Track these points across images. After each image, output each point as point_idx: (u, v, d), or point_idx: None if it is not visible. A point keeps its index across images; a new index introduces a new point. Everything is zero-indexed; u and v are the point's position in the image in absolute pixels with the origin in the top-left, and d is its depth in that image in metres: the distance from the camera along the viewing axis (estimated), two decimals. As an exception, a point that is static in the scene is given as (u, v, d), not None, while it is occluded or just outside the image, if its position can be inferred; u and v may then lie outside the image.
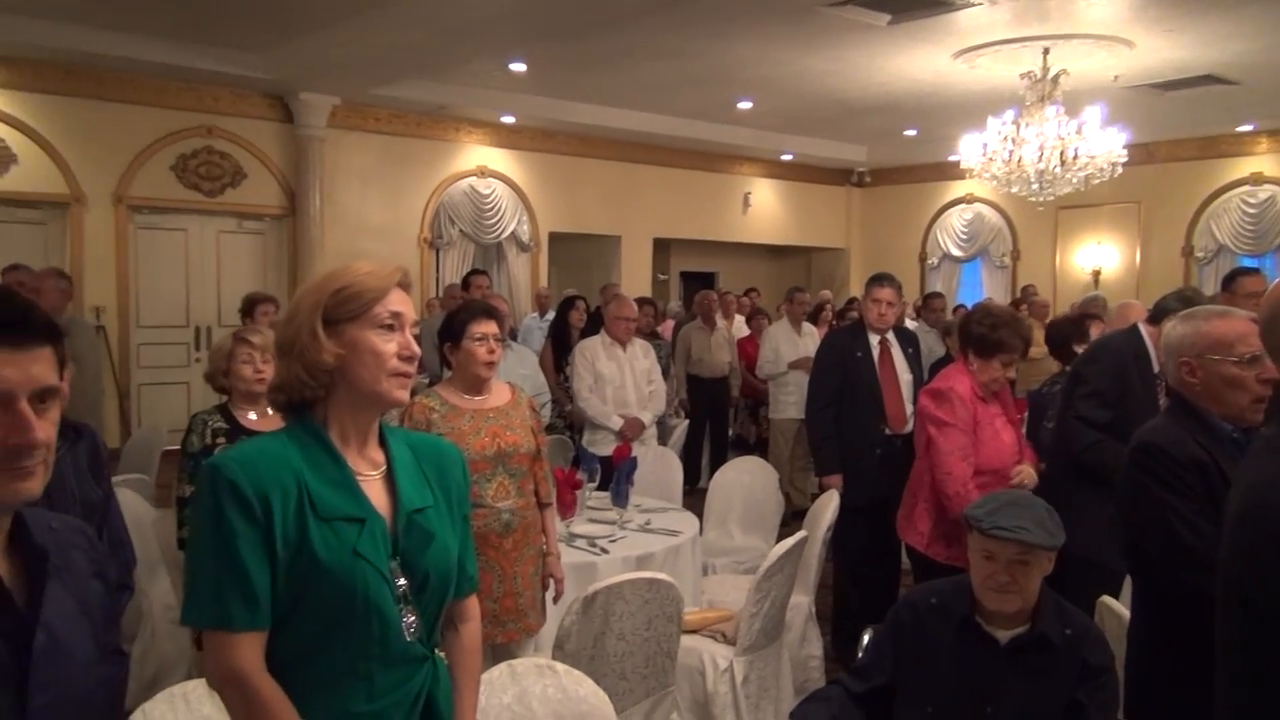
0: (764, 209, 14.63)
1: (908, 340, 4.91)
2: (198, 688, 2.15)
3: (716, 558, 4.96)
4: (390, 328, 1.67)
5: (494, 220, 11.67)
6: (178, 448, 3.37)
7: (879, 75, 9.52)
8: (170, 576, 3.95)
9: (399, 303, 1.69)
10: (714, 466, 8.28)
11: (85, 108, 8.87)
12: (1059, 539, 2.30)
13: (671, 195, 13.31)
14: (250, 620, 1.54)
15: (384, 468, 1.72)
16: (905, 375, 4.73)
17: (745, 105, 11.05)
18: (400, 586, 1.65)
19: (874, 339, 4.73)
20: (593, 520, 4.25)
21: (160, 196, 9.45)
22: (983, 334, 3.62)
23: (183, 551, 3.27)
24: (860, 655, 2.70)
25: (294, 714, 1.56)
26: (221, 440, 3.19)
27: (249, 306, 6.03)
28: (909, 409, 4.61)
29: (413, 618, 1.66)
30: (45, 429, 1.14)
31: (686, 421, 7.35)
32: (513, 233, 11.85)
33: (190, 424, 3.31)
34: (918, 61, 8.97)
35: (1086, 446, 3.48)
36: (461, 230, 11.43)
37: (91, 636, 1.25)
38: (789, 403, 7.73)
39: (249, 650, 1.55)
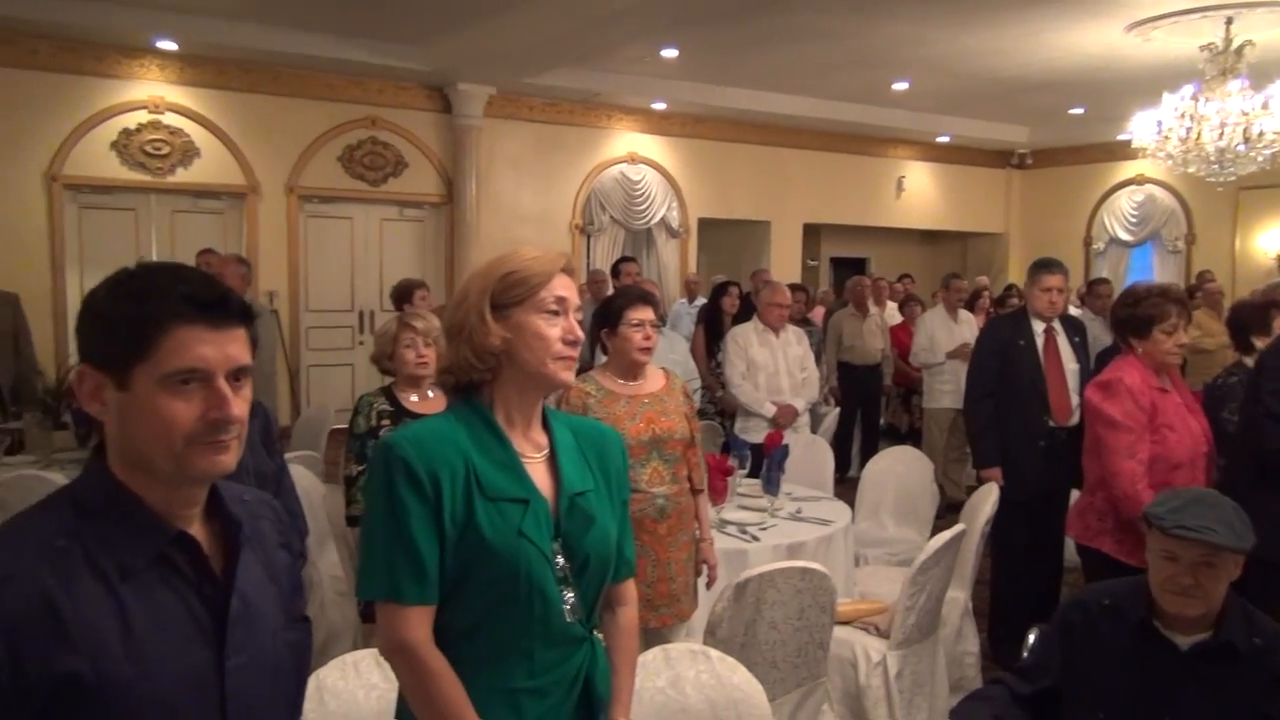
0: (918, 193, 14.24)
1: (1074, 328, 4.69)
2: (366, 657, 2.25)
3: (868, 548, 4.87)
4: (555, 312, 1.70)
5: (644, 206, 11.73)
6: (343, 427, 3.52)
7: (1044, 51, 9.12)
8: (338, 550, 4.13)
9: (563, 287, 1.72)
10: (864, 456, 8.14)
11: (261, 103, 9.35)
12: (1248, 541, 2.15)
13: (822, 180, 13.11)
14: (420, 594, 1.60)
15: (546, 450, 1.75)
16: (1071, 365, 4.52)
17: (901, 86, 10.77)
18: (561, 567, 1.68)
19: (1038, 326, 4.54)
20: (743, 507, 4.23)
21: (327, 186, 9.88)
22: (1130, 314, 3.44)
23: (349, 527, 3.41)
24: (1025, 655, 2.60)
25: (459, 686, 1.61)
26: (386, 422, 3.31)
27: (404, 293, 6.17)
28: (1074, 400, 4.41)
29: (572, 598, 1.69)
30: (240, 405, 1.21)
31: (837, 409, 7.24)
32: (662, 219, 11.90)
33: (357, 406, 3.45)
34: (1088, 36, 8.55)
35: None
36: (612, 216, 11.54)
37: (279, 603, 1.32)
38: (944, 392, 7.52)
39: (418, 623, 1.61)
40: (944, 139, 13.49)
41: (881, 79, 10.44)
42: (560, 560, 1.68)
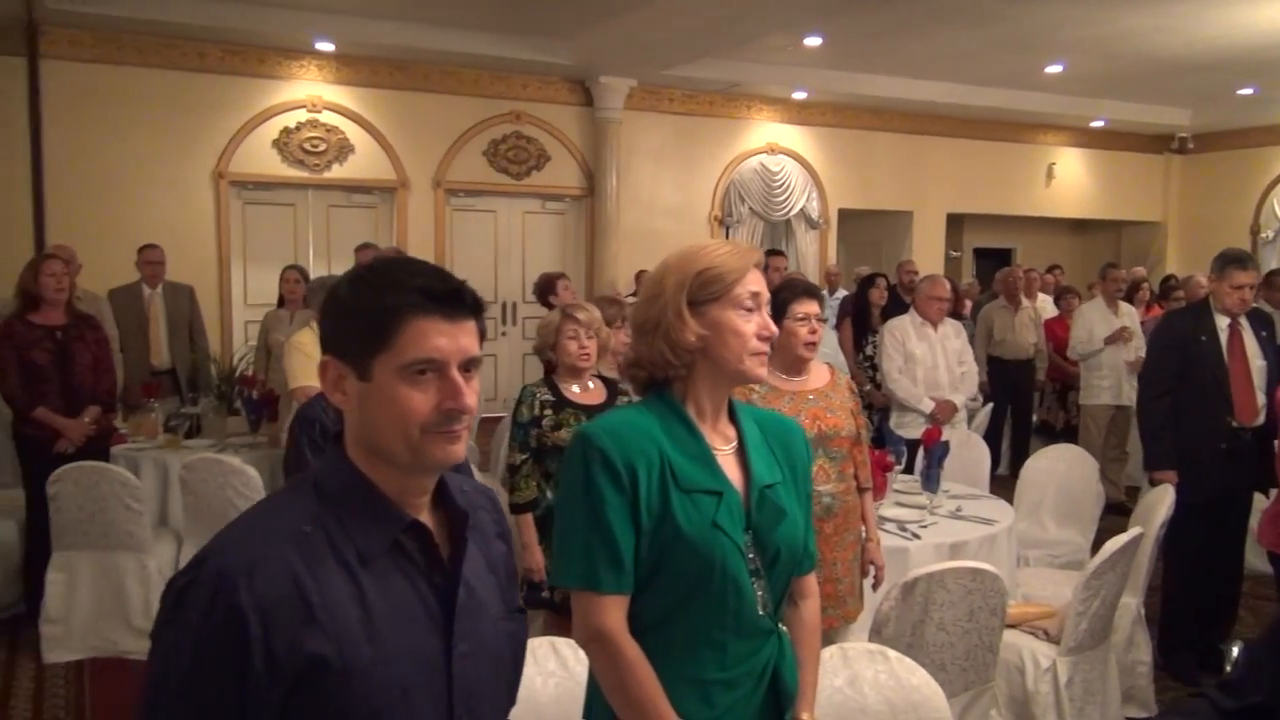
0: (1069, 180, 13.68)
1: (1261, 322, 4.40)
2: (543, 644, 2.28)
3: (1029, 550, 4.71)
4: (750, 308, 1.70)
5: (783, 197, 11.61)
6: (493, 416, 3.58)
7: (1210, 29, 8.63)
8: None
9: (756, 283, 1.72)
10: (1014, 454, 7.88)
11: (411, 100, 9.62)
12: None
13: (967, 168, 12.72)
14: (616, 584, 1.62)
15: (735, 443, 1.76)
16: (1258, 361, 4.25)
17: (1055, 69, 10.35)
18: (751, 560, 1.68)
19: (1222, 321, 4.28)
20: (901, 504, 4.15)
21: (473, 180, 10.10)
22: None
23: (513, 515, 3.47)
24: (1231, 668, 2.46)
25: (653, 675, 1.62)
26: (549, 412, 3.35)
27: (548, 285, 6.23)
28: (1261, 399, 4.16)
29: (763, 591, 1.69)
30: (472, 396, 1.23)
31: (990, 406, 7.01)
32: (801, 210, 11.76)
33: (520, 396, 3.51)
34: (1261, 10, 8.05)
35: None
36: (751, 208, 11.46)
37: (498, 593, 1.34)
38: (1102, 387, 7.22)
39: (614, 612, 1.63)
40: (1099, 123, 12.92)
41: (1034, 62, 10.06)
42: (750, 553, 1.68)
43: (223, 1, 8.04)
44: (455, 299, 1.22)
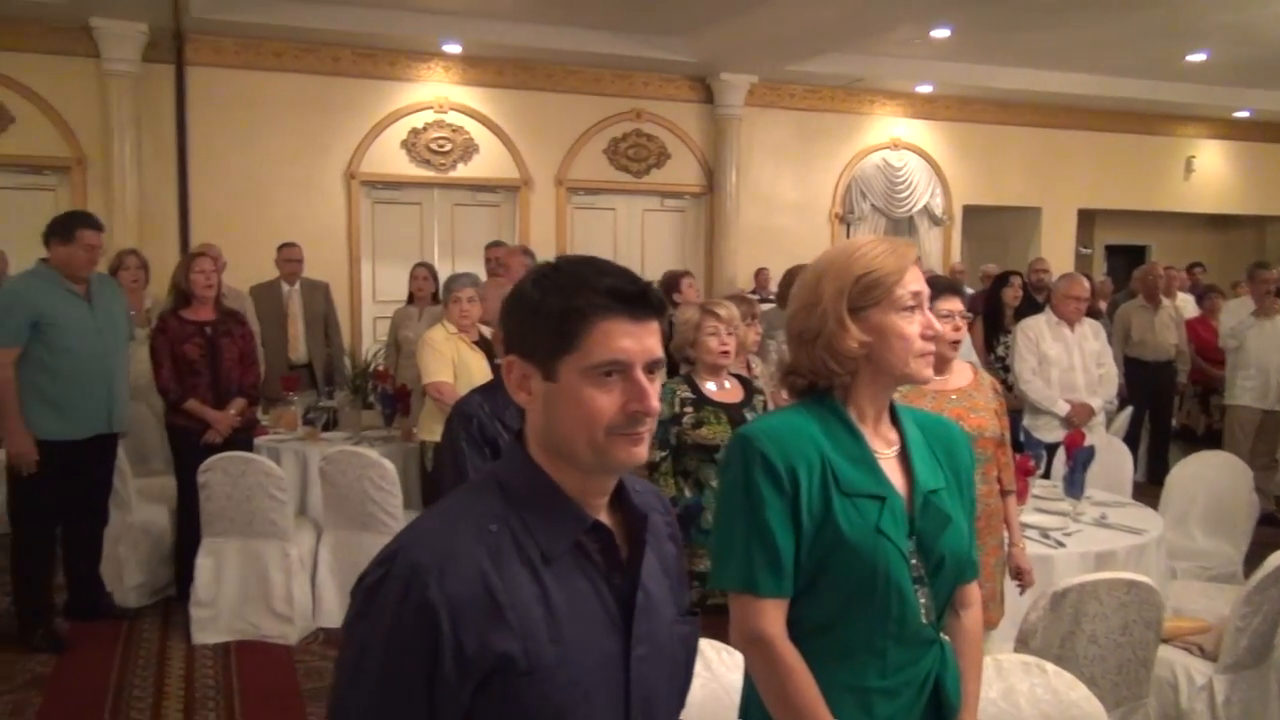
0: (1210, 174, 13.06)
1: None
2: (708, 649, 2.26)
3: (1176, 561, 4.51)
4: (912, 308, 1.65)
5: (906, 194, 11.39)
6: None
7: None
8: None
9: (917, 280, 1.68)
10: (1152, 459, 7.57)
11: (535, 99, 9.75)
12: None
13: (1099, 162, 12.25)
14: (776, 587, 1.60)
15: (898, 446, 1.72)
16: None
17: (1197, 58, 9.89)
18: (915, 567, 1.64)
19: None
20: (1041, 510, 4.02)
21: (593, 178, 10.18)
22: None
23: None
24: None
25: (812, 681, 1.60)
26: (689, 410, 3.34)
27: (671, 283, 6.23)
28: None
29: (926, 599, 1.65)
30: (656, 398, 1.22)
31: (1130, 409, 6.74)
32: (925, 206, 11.51)
33: (660, 393, 3.50)
34: None
35: None
36: (873, 204, 11.27)
37: (671, 595, 1.34)
38: (1247, 388, 6.87)
39: (773, 616, 1.61)
40: (1243, 114, 12.29)
41: (1174, 51, 9.63)
42: (914, 560, 1.64)
43: (356, 7, 8.28)
44: (641, 300, 1.21)
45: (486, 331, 5.06)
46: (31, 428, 4.39)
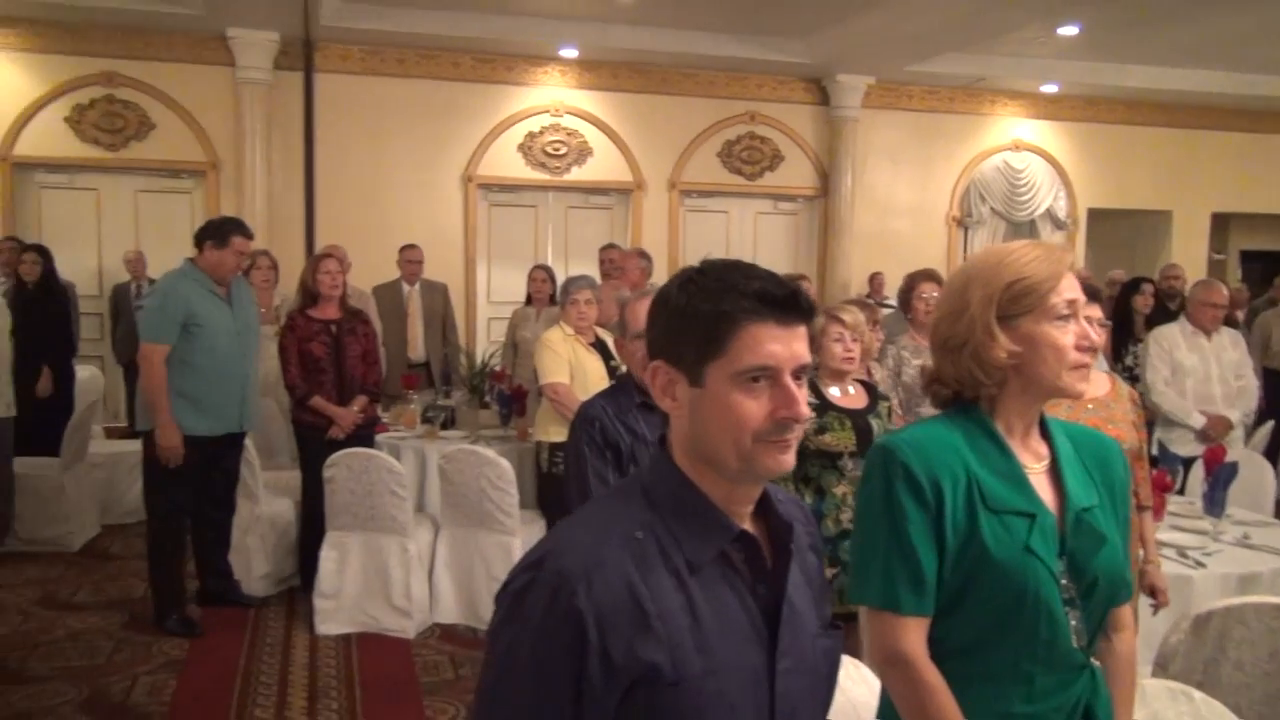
0: (1357, 176, 12.34)
1: None
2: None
3: (1324, 586, 4.26)
4: (1066, 317, 1.58)
5: (1027, 196, 11.06)
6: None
7: None
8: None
9: (1072, 288, 1.60)
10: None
11: (649, 102, 9.79)
12: None
13: (1236, 164, 11.67)
14: (917, 605, 1.55)
15: (1048, 460, 1.64)
16: None
17: (1346, 53, 9.36)
18: (1065, 588, 1.56)
19: None
20: (1178, 528, 3.84)
21: (706, 181, 10.17)
22: None
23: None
24: None
25: (954, 703, 1.54)
26: (812, 415, 3.30)
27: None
28: None
29: (1077, 622, 1.57)
30: (805, 404, 1.20)
31: (1270, 423, 6.39)
32: (1048, 209, 11.15)
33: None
34: None
35: None
36: (992, 208, 10.98)
37: (813, 607, 1.30)
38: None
39: (914, 635, 1.55)
40: (1394, 112, 11.59)
41: (1321, 46, 9.13)
42: (1064, 580, 1.56)
43: (478, 13, 8.44)
44: (790, 304, 1.18)
45: (603, 334, 5.09)
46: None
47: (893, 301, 7.59)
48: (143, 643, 4.59)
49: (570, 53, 9.21)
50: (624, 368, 5.10)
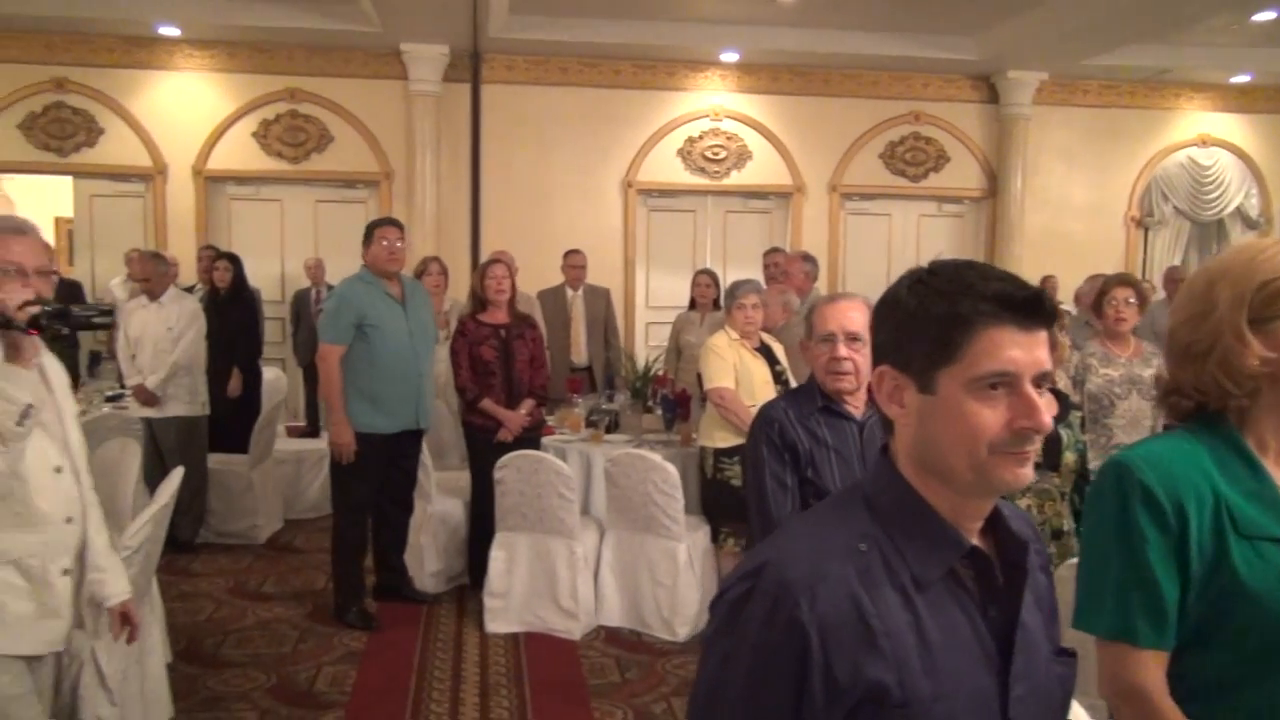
0: None
1: None
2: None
3: None
4: None
5: (1215, 195, 10.40)
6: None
7: None
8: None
9: None
10: None
11: (809, 105, 9.66)
12: None
13: None
14: (1156, 637, 1.43)
15: None
16: None
17: None
18: None
19: None
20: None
21: (868, 184, 9.96)
22: None
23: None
24: None
25: None
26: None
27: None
28: None
29: None
30: (1048, 414, 1.12)
31: None
32: (1238, 208, 10.45)
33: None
34: None
35: None
36: (1175, 206, 10.37)
37: (1044, 630, 1.22)
38: None
39: (1153, 668, 1.44)
40: None
41: None
42: None
43: (640, 20, 8.52)
44: (1032, 307, 1.11)
45: (768, 338, 5.04)
46: (351, 420, 4.76)
47: (1068, 306, 7.25)
48: (325, 633, 4.79)
49: (731, 57, 9.18)
50: (789, 373, 5.06)
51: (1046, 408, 1.12)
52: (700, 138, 9.59)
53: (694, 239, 9.85)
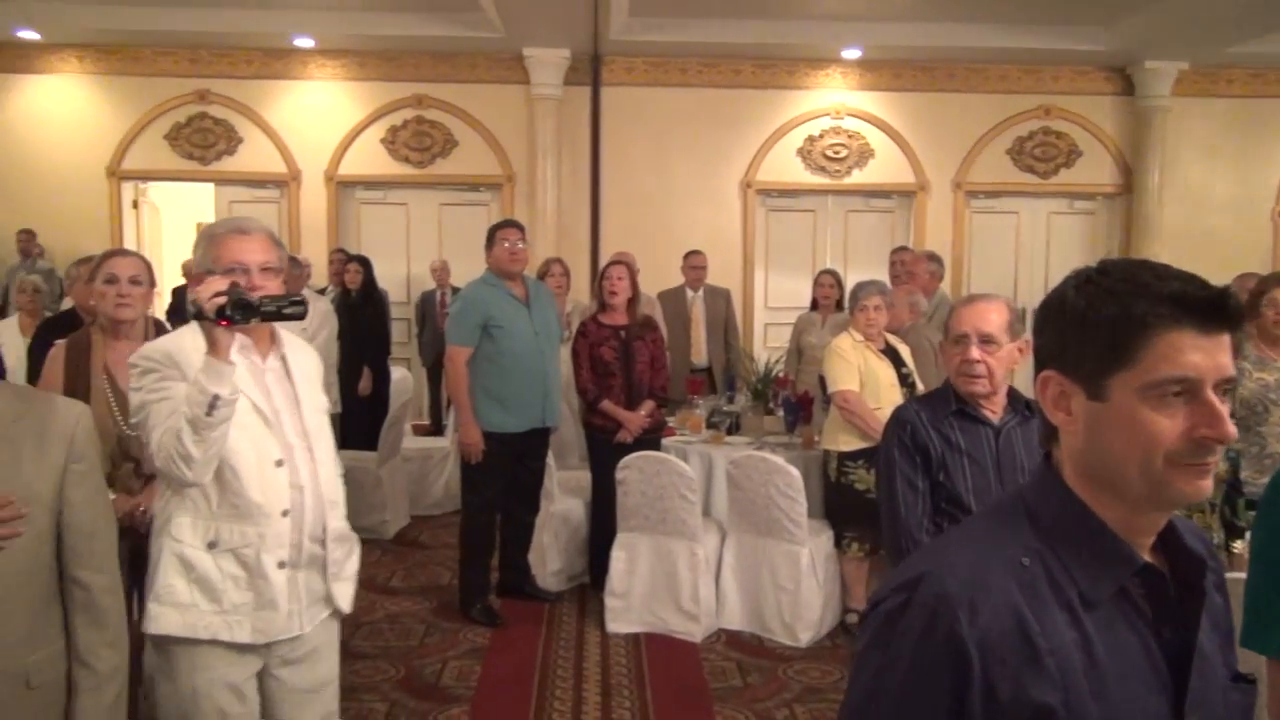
0: None
1: None
2: None
3: None
4: None
5: (1373, 187, 9.77)
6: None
7: None
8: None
9: None
10: None
11: (933, 101, 9.45)
12: None
13: None
14: None
15: None
16: None
17: None
18: None
19: None
20: None
21: (994, 181, 9.68)
22: None
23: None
24: None
25: None
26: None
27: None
28: None
29: None
30: (1231, 423, 1.05)
31: None
32: (1399, 201, 9.81)
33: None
34: None
35: None
36: (1331, 200, 9.79)
37: (1220, 654, 1.15)
38: None
39: None
40: None
41: None
42: None
43: (760, 19, 8.46)
44: (1215, 309, 1.05)
45: (894, 340, 4.94)
46: (479, 420, 4.85)
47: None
48: (450, 629, 4.89)
49: (853, 53, 9.04)
50: (916, 375, 4.95)
51: (1228, 417, 1.05)
52: (820, 136, 9.48)
53: (814, 239, 9.74)
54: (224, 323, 2.11)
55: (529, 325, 4.92)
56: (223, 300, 2.10)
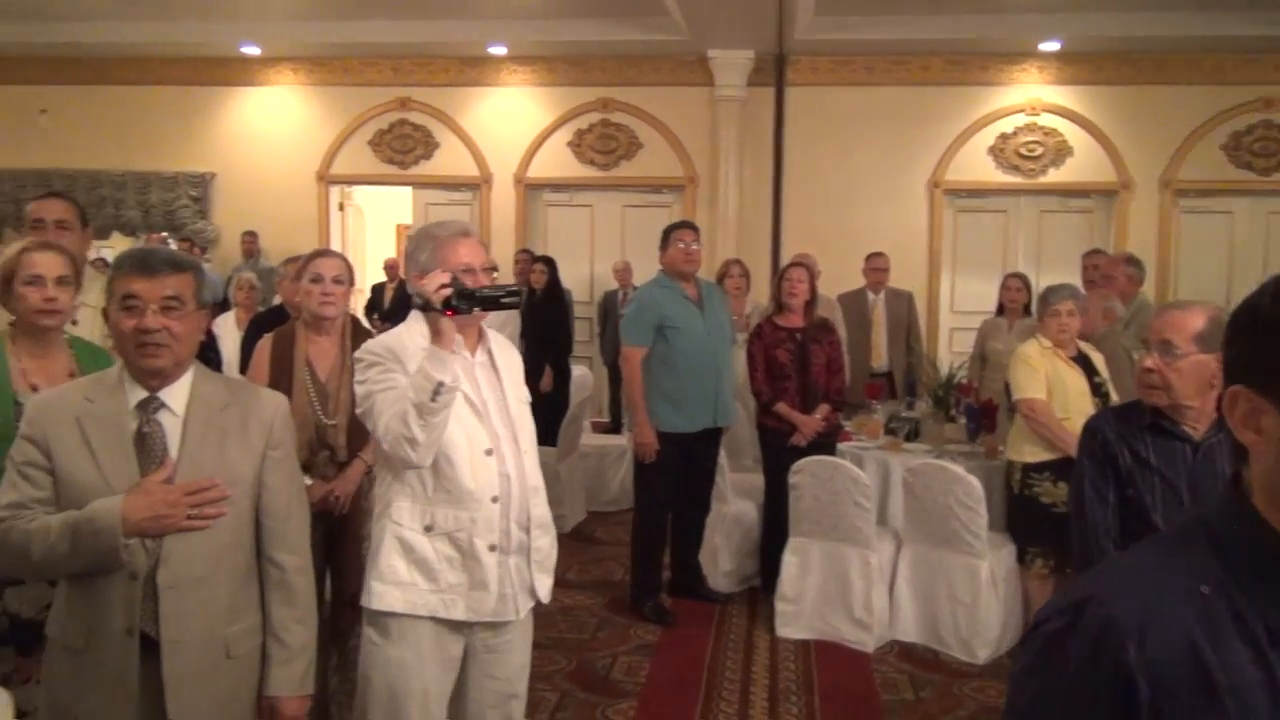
0: None
1: None
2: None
3: None
4: None
5: None
6: None
7: None
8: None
9: None
10: None
11: (1139, 95, 8.93)
12: None
13: None
14: None
15: None
16: None
17: None
18: None
19: None
20: None
21: (1208, 178, 9.06)
22: None
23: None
24: None
25: None
26: None
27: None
28: None
29: None
30: None
31: None
32: None
33: None
34: None
35: None
36: None
37: None
38: None
39: None
40: None
41: None
42: None
43: (952, 14, 8.21)
44: None
45: (1086, 347, 4.69)
46: (653, 419, 4.91)
47: None
48: (621, 624, 4.97)
49: (1051, 46, 8.64)
50: (1109, 385, 4.68)
51: None
52: (1014, 134, 9.12)
53: (1005, 241, 9.38)
54: (449, 313, 2.25)
55: (701, 325, 4.95)
56: (449, 292, 2.25)
